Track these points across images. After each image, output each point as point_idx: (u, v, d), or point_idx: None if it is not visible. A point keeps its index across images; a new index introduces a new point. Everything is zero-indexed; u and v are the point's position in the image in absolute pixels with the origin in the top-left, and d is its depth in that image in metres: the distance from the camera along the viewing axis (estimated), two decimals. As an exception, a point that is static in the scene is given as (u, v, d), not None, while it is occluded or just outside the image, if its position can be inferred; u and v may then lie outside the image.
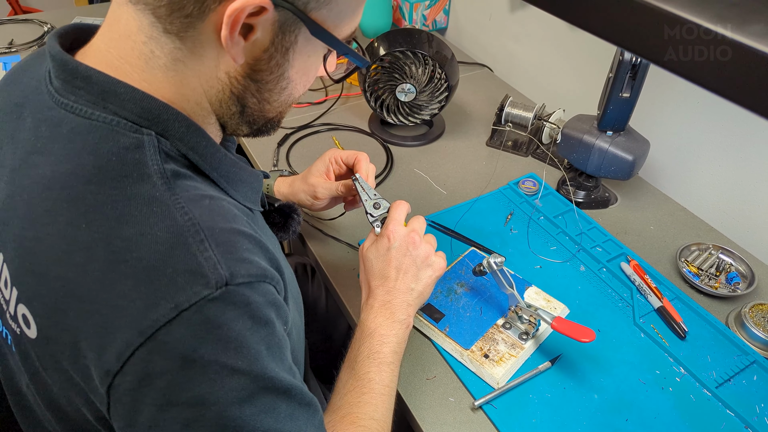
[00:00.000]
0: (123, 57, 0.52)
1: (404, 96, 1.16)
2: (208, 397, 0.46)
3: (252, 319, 0.48)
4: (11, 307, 0.52)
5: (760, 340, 0.86)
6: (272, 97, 0.58)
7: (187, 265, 0.46)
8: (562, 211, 1.08)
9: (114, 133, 0.50)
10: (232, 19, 0.48)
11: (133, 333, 0.45)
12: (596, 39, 1.09)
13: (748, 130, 1.00)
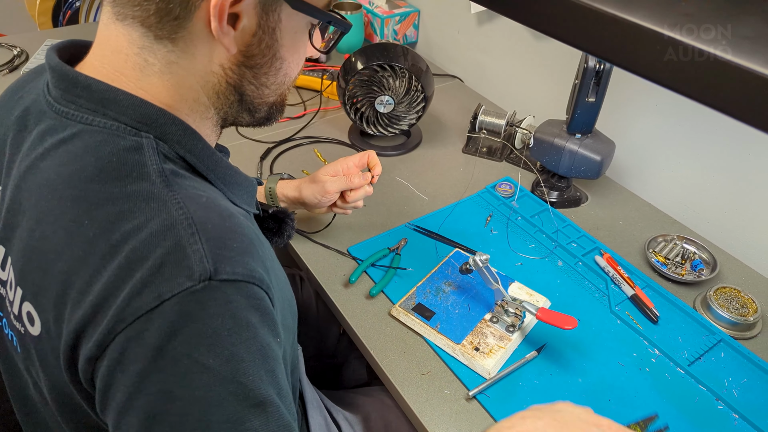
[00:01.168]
0: (118, 70, 0.55)
1: (383, 107, 1.22)
2: (174, 391, 0.46)
3: (233, 319, 0.47)
4: (15, 307, 0.54)
5: (725, 320, 0.93)
6: (269, 80, 0.60)
7: (174, 256, 0.47)
8: (538, 211, 1.15)
9: (114, 137, 0.53)
10: (218, 10, 0.51)
11: (116, 320, 0.46)
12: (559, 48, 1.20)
13: (702, 129, 1.08)
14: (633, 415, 0.80)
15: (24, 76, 0.67)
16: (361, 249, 1.04)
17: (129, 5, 0.52)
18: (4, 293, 0.57)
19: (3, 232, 0.57)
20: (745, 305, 0.95)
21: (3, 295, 0.58)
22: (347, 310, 0.94)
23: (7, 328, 0.59)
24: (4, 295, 0.57)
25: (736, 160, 1.05)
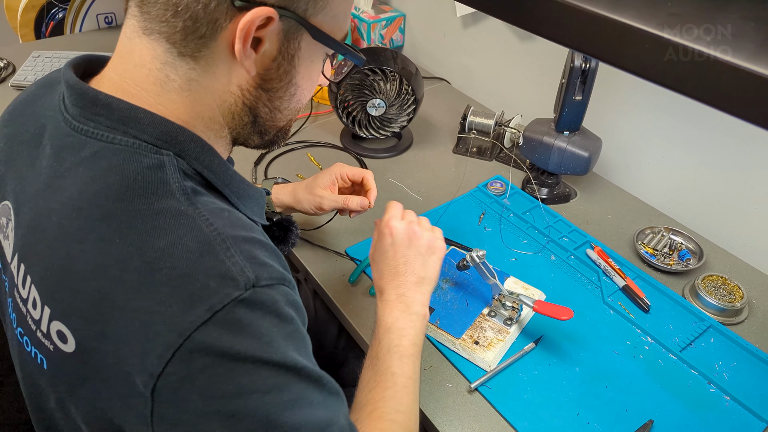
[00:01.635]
0: (138, 85, 0.56)
1: (375, 110, 1.24)
2: (247, 387, 0.49)
3: (278, 316, 0.52)
4: (43, 325, 0.55)
5: (713, 306, 0.97)
6: (282, 104, 0.63)
7: (217, 271, 0.50)
8: (529, 208, 1.18)
9: (136, 155, 0.54)
10: (244, 33, 0.53)
11: (173, 335, 0.48)
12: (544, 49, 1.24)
13: (685, 125, 1.12)
14: (630, 400, 0.83)
15: (33, 89, 0.67)
16: (358, 250, 1.06)
17: (157, 20, 0.54)
18: (26, 311, 0.57)
19: (22, 251, 0.57)
20: (732, 292, 0.99)
21: (24, 312, 0.58)
22: (348, 309, 0.96)
23: (30, 346, 0.59)
24: (26, 312, 0.57)
25: (719, 154, 1.09)
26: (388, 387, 0.70)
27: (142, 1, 0.55)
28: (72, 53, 1.56)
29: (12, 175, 0.62)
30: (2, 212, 0.62)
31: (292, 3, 0.55)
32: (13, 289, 0.60)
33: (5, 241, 0.63)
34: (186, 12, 0.53)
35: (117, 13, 1.84)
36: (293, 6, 0.55)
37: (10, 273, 0.61)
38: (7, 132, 0.66)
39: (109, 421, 0.55)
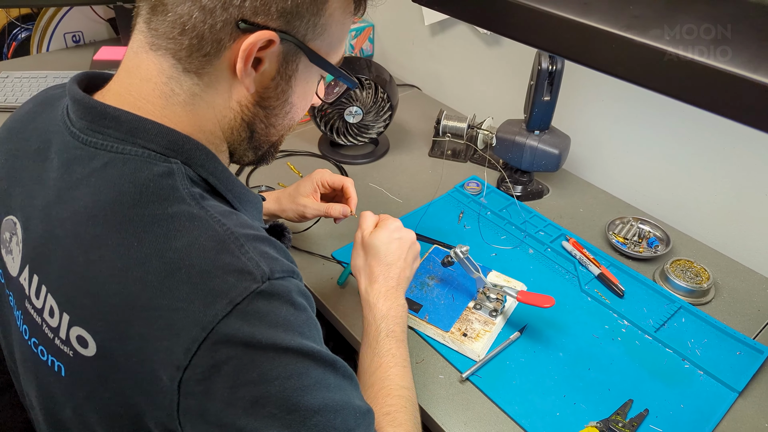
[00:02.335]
0: (144, 98, 0.59)
1: (352, 118, 1.28)
2: (269, 374, 0.52)
3: (293, 305, 0.56)
4: (62, 332, 0.56)
5: (682, 288, 1.03)
6: (277, 121, 0.66)
7: (234, 266, 0.53)
8: (505, 205, 1.23)
9: (147, 163, 0.57)
10: (246, 53, 0.57)
11: (197, 329, 0.51)
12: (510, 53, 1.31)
13: (647, 120, 1.19)
14: (612, 380, 0.88)
15: (31, 107, 0.69)
16: (344, 253, 1.09)
17: (164, 37, 0.57)
18: (41, 321, 0.59)
19: (34, 262, 0.59)
20: (699, 274, 1.05)
21: (39, 322, 0.59)
22: (339, 311, 0.99)
23: (47, 355, 0.60)
24: (41, 322, 0.59)
25: (679, 146, 1.16)
26: (391, 367, 0.75)
27: (150, 18, 0.58)
28: (41, 73, 1.56)
29: (18, 190, 0.63)
30: (6, 227, 0.64)
31: (292, 28, 0.59)
32: (23, 301, 0.61)
33: (8, 256, 0.64)
34: (193, 31, 0.56)
35: (84, 32, 1.84)
36: (294, 30, 0.59)
37: (18, 286, 0.62)
38: (8, 148, 0.67)
39: (131, 419, 0.57)
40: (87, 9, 1.80)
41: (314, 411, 0.54)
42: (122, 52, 1.65)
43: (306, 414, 0.54)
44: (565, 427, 0.82)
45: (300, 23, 0.59)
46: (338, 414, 0.56)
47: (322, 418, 0.55)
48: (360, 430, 0.58)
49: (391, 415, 0.70)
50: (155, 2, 0.57)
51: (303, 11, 0.58)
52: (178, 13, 0.56)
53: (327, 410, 0.55)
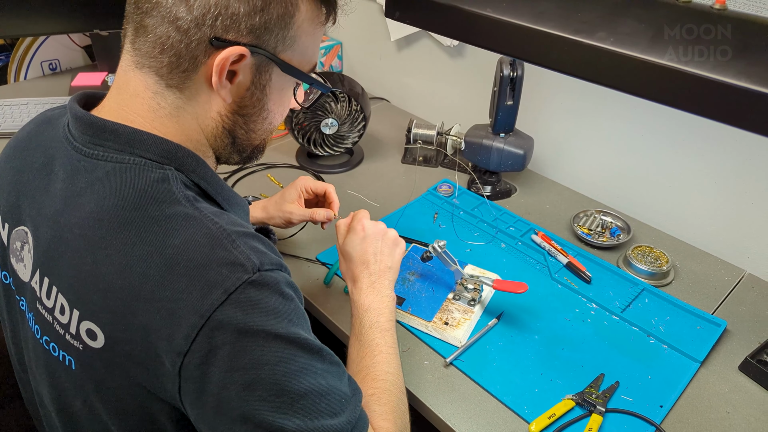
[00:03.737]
0: (135, 112, 0.65)
1: (328, 129, 1.34)
2: (260, 359, 0.57)
3: (281, 295, 0.60)
4: (72, 327, 0.61)
5: (644, 272, 1.11)
6: (256, 126, 0.72)
7: (227, 260, 0.58)
8: (477, 205, 1.30)
9: (144, 171, 0.62)
10: (219, 67, 0.62)
11: (195, 317, 0.55)
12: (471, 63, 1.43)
13: (603, 120, 1.28)
14: (584, 358, 0.95)
15: (33, 127, 0.74)
16: (328, 255, 1.15)
17: (147, 56, 0.63)
18: (52, 319, 0.63)
19: (44, 266, 0.64)
20: (659, 258, 1.14)
21: (50, 320, 0.64)
22: (327, 308, 1.04)
23: (58, 350, 0.64)
24: (52, 320, 0.63)
25: (634, 142, 1.26)
26: (376, 354, 0.80)
27: (135, 39, 0.64)
28: (22, 100, 1.58)
29: (26, 202, 0.68)
30: (17, 237, 0.68)
31: (262, 42, 0.64)
32: (35, 303, 0.66)
33: (19, 264, 0.68)
34: (171, 50, 0.62)
35: (61, 60, 1.87)
36: (264, 44, 0.64)
37: (29, 290, 0.67)
38: (13, 166, 0.72)
39: (137, 408, 0.62)
40: (63, 37, 1.83)
41: (301, 395, 0.59)
42: (99, 77, 1.71)
43: (294, 397, 0.59)
44: (543, 401, 0.88)
45: (269, 37, 0.64)
46: (323, 398, 0.61)
47: (308, 402, 0.59)
48: (345, 414, 0.63)
49: (375, 396, 0.75)
50: (137, 25, 0.63)
51: (272, 26, 0.64)
52: (157, 34, 0.62)
53: (313, 394, 0.60)
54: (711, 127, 1.13)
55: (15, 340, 0.77)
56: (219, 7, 0.60)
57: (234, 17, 0.61)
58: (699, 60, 0.57)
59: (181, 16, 0.60)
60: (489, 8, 0.69)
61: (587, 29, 0.65)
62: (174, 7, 0.60)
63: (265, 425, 0.57)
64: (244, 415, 0.57)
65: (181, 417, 0.62)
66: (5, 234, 0.71)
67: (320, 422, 0.60)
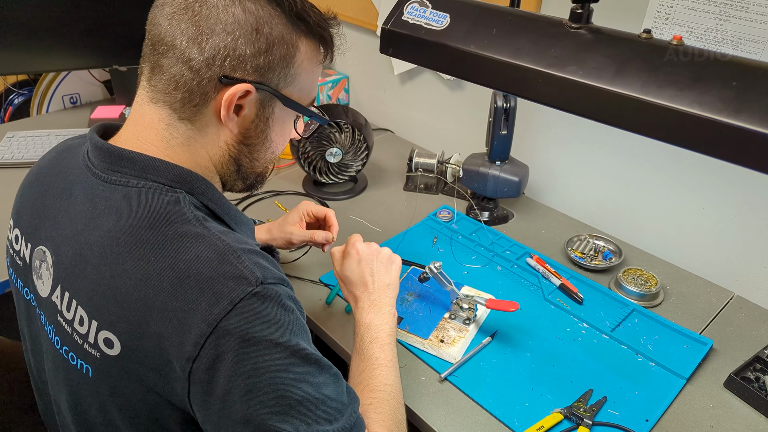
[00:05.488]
0: (150, 142, 0.72)
1: (333, 158, 1.41)
2: (260, 366, 0.61)
3: (283, 307, 0.65)
4: (90, 337, 0.66)
5: (634, 293, 1.16)
6: (260, 155, 0.79)
7: (233, 273, 0.63)
8: (474, 230, 1.36)
9: (158, 194, 0.69)
10: (227, 102, 0.69)
11: (203, 325, 0.60)
12: (470, 96, 1.53)
13: (596, 148, 1.34)
14: (574, 374, 0.99)
15: (54, 155, 0.81)
16: (331, 277, 1.20)
17: (162, 92, 0.70)
18: (71, 330, 0.69)
19: (65, 281, 0.70)
20: (648, 280, 1.18)
21: (70, 331, 0.69)
22: (329, 327, 1.09)
23: (76, 359, 0.70)
24: (71, 331, 0.69)
25: (626, 170, 1.31)
26: (375, 368, 0.84)
27: (151, 77, 0.71)
28: (44, 132, 1.68)
29: (47, 224, 0.74)
30: (37, 256, 0.75)
31: (266, 79, 0.72)
32: (55, 316, 0.72)
33: (38, 281, 0.75)
34: (184, 87, 0.69)
35: (81, 93, 1.97)
36: (267, 81, 0.72)
37: (49, 304, 0.73)
38: (35, 191, 0.79)
39: (149, 413, 0.67)
40: (84, 73, 1.94)
41: (298, 401, 0.64)
42: (117, 111, 1.80)
43: (291, 403, 0.63)
44: (533, 414, 0.92)
45: (272, 75, 0.72)
46: (320, 405, 0.66)
47: (304, 408, 0.64)
48: (341, 421, 0.67)
49: (373, 405, 0.79)
50: (153, 65, 0.70)
51: (275, 65, 0.71)
52: (172, 73, 0.69)
53: (309, 401, 0.65)
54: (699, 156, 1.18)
55: (34, 351, 0.82)
56: (228, 49, 0.67)
57: (241, 58, 0.68)
58: (657, 90, 0.63)
59: (193, 57, 0.67)
60: (472, 45, 0.76)
61: (559, 63, 0.71)
62: (187, 49, 0.67)
63: (264, 428, 0.62)
64: (245, 417, 0.62)
65: (188, 421, 0.67)
66: (28, 253, 0.77)
67: (316, 428, 0.64)
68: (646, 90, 0.64)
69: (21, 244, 0.78)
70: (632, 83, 0.65)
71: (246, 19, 0.67)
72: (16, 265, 0.80)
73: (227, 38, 0.67)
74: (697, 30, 1.04)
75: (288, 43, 0.71)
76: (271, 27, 0.69)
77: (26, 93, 2.07)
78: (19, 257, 0.79)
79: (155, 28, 0.69)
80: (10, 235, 0.82)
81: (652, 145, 1.24)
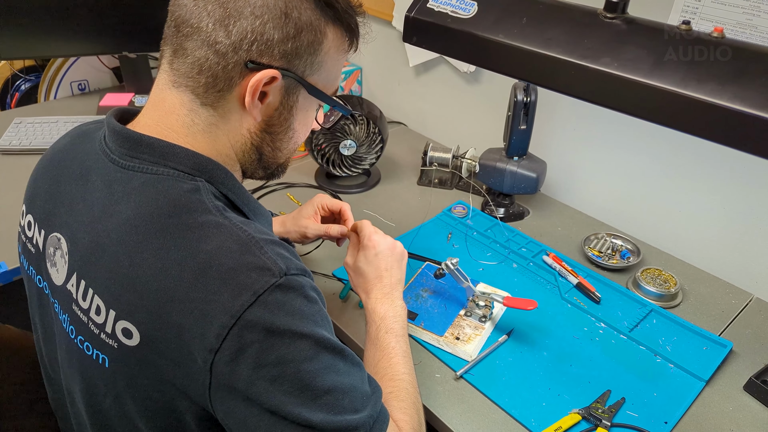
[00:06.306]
0: (170, 127, 0.70)
1: (347, 150, 1.39)
2: (285, 356, 0.60)
3: (306, 298, 0.64)
4: (108, 327, 0.65)
5: (652, 294, 1.13)
6: (282, 145, 0.77)
7: (256, 264, 0.62)
8: (490, 226, 1.34)
9: (178, 182, 0.67)
10: (253, 88, 0.67)
11: (226, 317, 0.59)
12: (486, 89, 1.49)
13: (614, 145, 1.32)
14: (592, 374, 0.97)
15: (69, 140, 0.79)
16: (343, 271, 1.18)
17: (184, 76, 0.68)
18: (87, 319, 0.67)
19: (81, 269, 0.68)
20: (667, 281, 1.16)
21: (86, 321, 0.67)
22: (342, 321, 1.08)
23: (92, 349, 0.68)
24: (87, 321, 0.67)
25: (645, 168, 1.29)
26: (392, 357, 0.84)
27: (173, 60, 0.69)
28: (52, 118, 1.66)
29: (62, 210, 0.73)
30: (51, 243, 0.73)
31: (293, 66, 0.70)
32: (70, 305, 0.70)
33: (53, 268, 0.73)
34: (209, 71, 0.67)
35: (90, 80, 1.96)
36: (294, 68, 0.70)
37: (64, 292, 0.71)
38: (50, 176, 0.77)
39: (165, 405, 0.65)
40: (93, 59, 1.92)
41: (324, 391, 0.63)
42: (126, 98, 1.78)
43: (317, 393, 0.62)
44: (550, 414, 0.90)
45: (299, 62, 0.70)
46: (346, 395, 0.65)
47: (331, 398, 0.63)
48: (367, 410, 0.67)
49: (394, 393, 0.79)
50: (177, 47, 0.68)
51: (302, 52, 0.69)
52: (196, 56, 0.67)
53: (336, 391, 0.64)
54: (720, 154, 1.16)
55: (46, 340, 0.81)
56: (255, 34, 0.65)
57: (269, 43, 0.66)
58: (697, 84, 0.61)
59: (220, 40, 0.65)
60: (501, 34, 0.74)
61: (592, 55, 0.69)
62: (214, 32, 0.65)
63: (291, 418, 0.61)
64: (271, 409, 0.61)
65: (205, 416, 0.66)
66: (41, 240, 0.75)
67: (343, 417, 0.63)
68: (686, 84, 0.62)
69: (34, 230, 0.77)
70: (671, 76, 0.63)
71: (275, 2, 0.66)
72: (29, 252, 0.78)
73: (255, 22, 0.65)
74: (726, 25, 1.01)
75: (316, 29, 0.69)
76: (300, 12, 0.67)
77: (33, 79, 2.06)
78: (32, 244, 0.77)
79: (179, 9, 0.67)
80: (23, 222, 0.80)
81: (673, 143, 1.21)
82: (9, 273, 1.15)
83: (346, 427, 0.63)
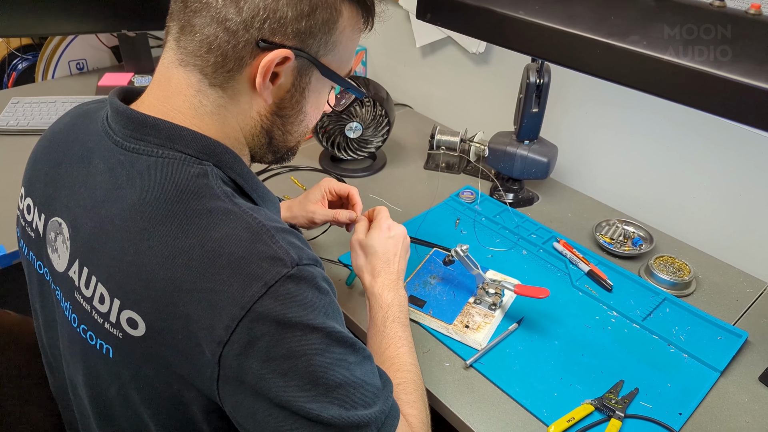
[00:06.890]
0: (176, 108, 0.66)
1: (352, 133, 1.36)
2: (297, 350, 0.58)
3: (318, 289, 0.62)
4: (112, 316, 0.62)
5: (665, 282, 1.11)
6: (293, 128, 0.74)
7: (267, 254, 0.59)
8: (499, 212, 1.31)
9: (184, 165, 0.63)
10: (264, 69, 0.64)
11: (236, 308, 0.57)
12: (496, 71, 1.44)
13: (626, 130, 1.29)
14: (604, 364, 0.95)
15: (69, 120, 0.75)
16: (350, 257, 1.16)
17: (192, 55, 0.64)
18: (90, 308, 0.65)
19: (84, 256, 0.65)
20: (681, 269, 1.14)
21: (89, 310, 0.65)
22: (348, 308, 1.05)
23: (96, 339, 0.65)
24: (90, 309, 0.65)
25: (658, 154, 1.26)
26: (399, 346, 0.82)
27: (180, 37, 0.65)
28: (50, 98, 1.62)
29: (63, 194, 0.69)
30: (51, 228, 0.70)
31: (306, 45, 0.66)
32: (72, 293, 0.67)
33: (54, 254, 0.70)
34: (218, 50, 0.64)
35: (88, 59, 1.91)
36: (307, 48, 0.66)
37: (66, 279, 0.68)
38: (50, 158, 0.74)
39: (171, 397, 0.63)
40: (91, 37, 1.87)
41: (336, 385, 0.61)
42: (126, 78, 1.74)
43: (329, 387, 0.60)
44: (562, 405, 0.88)
45: (313, 41, 0.66)
46: (358, 390, 0.63)
47: (342, 392, 0.61)
48: (378, 405, 0.65)
49: (402, 385, 0.77)
50: (184, 23, 0.64)
51: (316, 31, 0.65)
52: (205, 34, 0.63)
53: (348, 385, 0.62)
54: (736, 140, 1.13)
55: (47, 327, 0.78)
56: (268, 11, 0.62)
57: (282, 21, 0.63)
58: (731, 64, 0.58)
59: (230, 17, 0.62)
60: (521, 10, 0.71)
61: (619, 32, 0.65)
62: (224, 8, 0.62)
63: (302, 413, 0.59)
64: (282, 403, 0.58)
65: (212, 408, 0.63)
66: (41, 225, 0.72)
67: (355, 412, 0.61)
68: (719, 64, 0.59)
69: (33, 214, 0.74)
70: (703, 56, 0.60)
71: None
72: (28, 236, 0.75)
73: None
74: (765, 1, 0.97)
75: (331, 6, 0.65)
76: None
77: (30, 58, 2.01)
78: (32, 228, 0.74)
79: None
80: (21, 205, 0.77)
81: (688, 128, 1.18)
82: (8, 257, 1.12)
83: (357, 423, 0.61)
